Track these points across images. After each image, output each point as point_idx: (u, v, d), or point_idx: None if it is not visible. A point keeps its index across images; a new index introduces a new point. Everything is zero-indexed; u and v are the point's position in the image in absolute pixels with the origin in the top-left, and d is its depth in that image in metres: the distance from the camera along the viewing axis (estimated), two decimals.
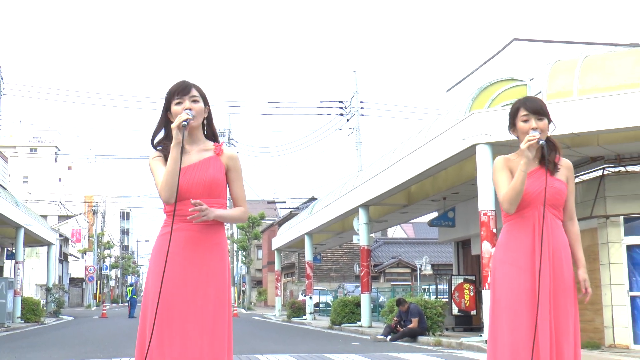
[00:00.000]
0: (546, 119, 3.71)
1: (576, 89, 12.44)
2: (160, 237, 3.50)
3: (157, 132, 3.63)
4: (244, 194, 3.65)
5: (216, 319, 3.41)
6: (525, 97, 3.84)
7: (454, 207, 19.99)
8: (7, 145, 74.76)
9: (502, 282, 3.68)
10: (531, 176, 3.67)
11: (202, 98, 3.58)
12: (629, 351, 11.95)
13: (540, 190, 3.65)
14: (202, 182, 3.47)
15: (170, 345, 3.35)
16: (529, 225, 3.66)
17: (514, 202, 3.65)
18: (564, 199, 3.71)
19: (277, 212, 68.37)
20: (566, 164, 3.79)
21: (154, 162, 3.56)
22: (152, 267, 3.51)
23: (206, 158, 3.54)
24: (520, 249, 3.65)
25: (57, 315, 32.89)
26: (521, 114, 3.74)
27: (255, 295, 62.83)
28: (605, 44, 15.59)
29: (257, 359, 10.30)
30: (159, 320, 3.35)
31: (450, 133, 13.97)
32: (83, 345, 14.12)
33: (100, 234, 70.21)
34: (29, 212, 29.03)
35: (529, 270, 3.62)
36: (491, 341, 3.74)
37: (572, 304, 3.65)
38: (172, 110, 3.54)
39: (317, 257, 36.61)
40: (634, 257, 12.73)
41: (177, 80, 3.62)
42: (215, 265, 3.47)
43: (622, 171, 13.18)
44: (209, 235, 3.49)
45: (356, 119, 36.53)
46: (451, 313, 18.51)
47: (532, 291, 3.59)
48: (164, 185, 3.40)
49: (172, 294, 3.38)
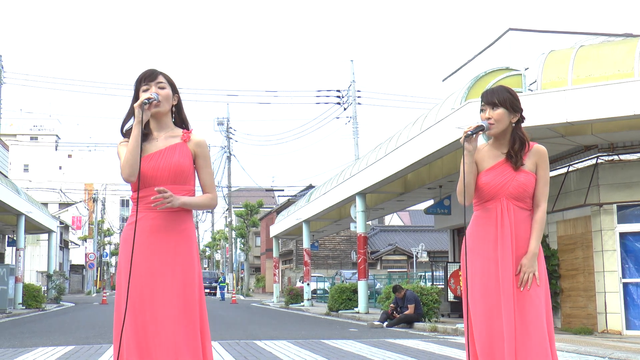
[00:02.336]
0: (502, 108, 3.71)
1: (570, 79, 12.56)
2: (127, 226, 3.52)
3: (126, 120, 3.64)
4: (212, 181, 3.65)
5: (187, 304, 3.42)
6: (486, 89, 3.89)
7: (450, 195, 20.12)
8: (7, 133, 74.68)
9: (473, 271, 3.72)
10: (495, 169, 3.72)
11: (170, 85, 3.61)
12: (621, 337, 12.12)
13: (503, 184, 3.69)
14: (168, 168, 3.48)
15: (144, 332, 3.38)
16: (492, 217, 3.70)
17: (460, 195, 3.74)
18: (528, 191, 3.71)
19: (275, 199, 68.48)
20: (537, 150, 3.76)
21: (120, 147, 3.56)
22: (120, 256, 3.55)
23: (172, 145, 3.54)
24: (485, 239, 3.70)
25: (58, 302, 33.07)
26: (481, 104, 3.82)
27: (254, 282, 63.02)
28: (600, 34, 15.66)
29: (256, 345, 10.43)
30: (131, 308, 3.39)
31: (446, 122, 14.09)
32: (83, 331, 14.28)
33: (101, 222, 70.33)
34: (29, 200, 29.14)
35: (493, 261, 3.66)
36: (467, 328, 3.78)
37: (539, 294, 3.63)
38: (140, 97, 3.56)
39: (315, 245, 36.82)
40: (626, 244, 12.88)
41: (146, 69, 3.65)
42: (183, 251, 3.48)
43: (616, 160, 13.31)
44: (175, 222, 3.49)
45: (353, 107, 36.59)
46: (447, 299, 18.69)
47: (495, 280, 3.63)
48: (124, 163, 3.41)
49: (141, 283, 3.41)
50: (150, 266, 3.44)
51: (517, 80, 13.77)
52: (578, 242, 13.56)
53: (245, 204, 52.15)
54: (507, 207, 3.69)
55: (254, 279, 63.91)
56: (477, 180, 3.75)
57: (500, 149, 3.78)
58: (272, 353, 9.07)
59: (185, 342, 3.40)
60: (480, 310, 3.66)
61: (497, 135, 3.78)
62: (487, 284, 3.66)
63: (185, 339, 3.40)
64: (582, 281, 13.37)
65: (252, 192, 62.15)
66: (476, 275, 3.71)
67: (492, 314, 3.62)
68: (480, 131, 3.70)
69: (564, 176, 13.97)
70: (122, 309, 3.41)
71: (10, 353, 9.33)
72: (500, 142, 3.79)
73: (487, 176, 3.73)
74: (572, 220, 13.78)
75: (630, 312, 12.68)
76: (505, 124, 3.75)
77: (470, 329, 3.75)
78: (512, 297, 3.60)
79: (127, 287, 3.39)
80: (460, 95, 14.09)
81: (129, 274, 3.41)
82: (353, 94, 36.79)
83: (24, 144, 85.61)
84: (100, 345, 10.38)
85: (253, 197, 57.93)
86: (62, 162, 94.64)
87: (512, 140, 3.75)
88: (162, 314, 3.40)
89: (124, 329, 3.41)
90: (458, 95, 14.38)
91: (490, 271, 3.67)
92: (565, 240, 13.95)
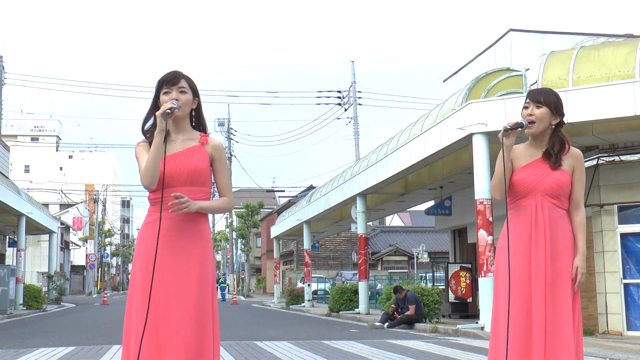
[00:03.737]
0: (546, 107, 3.73)
1: (571, 79, 12.56)
2: (145, 226, 3.54)
3: (147, 120, 3.66)
4: (228, 184, 3.70)
5: (200, 306, 3.46)
6: (534, 88, 3.93)
7: (451, 196, 20.13)
8: (8, 134, 74.71)
9: (500, 270, 3.73)
10: (531, 166, 3.73)
11: (191, 90, 3.62)
12: (622, 337, 12.12)
13: (539, 181, 3.71)
14: (186, 170, 3.50)
15: (156, 332, 3.39)
16: (527, 214, 3.71)
17: (496, 189, 3.73)
18: (564, 189, 3.73)
19: (276, 200, 68.43)
20: (574, 154, 3.80)
21: (139, 149, 3.59)
22: (137, 256, 3.54)
23: (190, 147, 3.57)
24: (519, 237, 3.70)
25: (59, 303, 33.05)
26: (525, 101, 3.82)
27: (254, 282, 63.00)
28: (600, 35, 15.67)
29: (256, 345, 10.42)
30: (143, 307, 3.39)
31: (447, 123, 14.09)
32: (84, 332, 14.28)
33: (101, 222, 70.34)
34: (30, 201, 29.15)
35: (526, 258, 3.67)
36: (493, 327, 3.78)
37: (569, 292, 3.66)
38: (160, 100, 3.58)
39: (316, 245, 36.86)
40: (627, 245, 12.89)
41: (169, 71, 3.65)
42: (198, 253, 3.51)
43: (616, 160, 13.31)
44: (191, 223, 3.52)
45: (354, 108, 36.59)
46: (447, 300, 18.68)
47: (527, 279, 3.64)
48: (145, 171, 3.43)
49: (155, 283, 3.42)
50: (166, 267, 3.46)
51: (518, 81, 13.77)
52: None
53: (246, 204, 52.12)
54: (542, 204, 3.70)
55: (255, 280, 63.89)
56: (512, 177, 3.76)
57: (537, 149, 3.78)
58: (272, 354, 9.06)
59: (197, 343, 3.42)
60: (513, 308, 3.64)
61: (535, 135, 3.78)
62: (519, 281, 3.65)
63: (196, 340, 3.42)
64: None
65: (253, 192, 62.13)
66: (501, 273, 3.72)
67: (524, 311, 3.62)
68: (519, 127, 3.70)
69: None
70: (135, 308, 3.44)
71: (11, 354, 9.33)
72: (538, 142, 3.79)
73: (523, 173, 3.74)
74: None
75: (631, 313, 12.68)
76: (546, 125, 3.76)
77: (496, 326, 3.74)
78: (543, 295, 3.61)
79: (150, 285, 3.40)
80: (461, 96, 14.09)
81: (151, 273, 3.42)
82: (354, 94, 36.80)
83: (25, 145, 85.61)
84: (100, 346, 10.38)
85: (254, 197, 57.91)
86: (63, 162, 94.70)
87: (552, 142, 3.76)
88: (175, 314, 3.42)
89: (135, 326, 3.42)
90: (459, 96, 14.38)
91: (523, 269, 3.67)
92: None
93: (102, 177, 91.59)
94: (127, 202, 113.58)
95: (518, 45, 16.63)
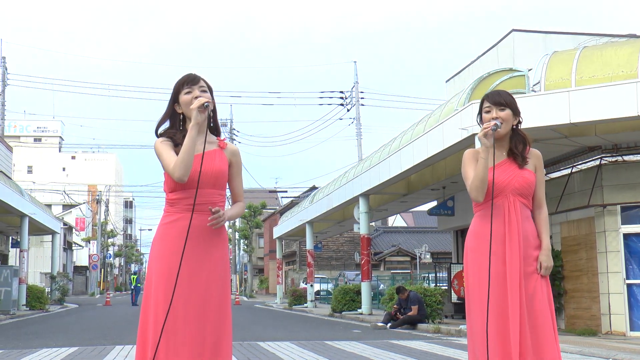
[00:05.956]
0: (509, 109, 3.80)
1: (574, 80, 12.55)
2: (165, 226, 3.52)
3: (162, 122, 3.66)
4: (242, 189, 3.76)
5: (221, 306, 3.50)
6: (491, 91, 3.96)
7: (453, 196, 20.12)
8: (11, 135, 74.90)
9: (472, 270, 3.77)
10: (499, 167, 3.77)
11: (209, 90, 3.64)
12: (625, 338, 12.11)
13: (509, 180, 3.76)
14: (210, 172, 3.50)
15: (174, 332, 3.40)
16: (499, 213, 3.75)
17: (479, 190, 3.74)
18: (532, 188, 3.81)
19: (279, 201, 68.44)
20: (535, 154, 3.88)
21: (161, 145, 3.54)
22: (156, 255, 3.52)
23: (211, 150, 3.57)
24: (494, 237, 3.72)
25: (62, 303, 33.09)
26: (484, 105, 3.86)
27: (257, 283, 63.05)
28: (603, 35, 15.65)
29: (259, 346, 10.44)
30: (164, 309, 3.39)
31: (450, 123, 14.08)
32: (87, 332, 14.30)
33: (104, 223, 70.37)
34: (33, 201, 29.20)
35: (500, 257, 3.71)
36: (469, 328, 3.82)
37: (543, 286, 3.73)
38: (180, 100, 3.58)
39: (318, 246, 36.82)
40: (630, 245, 12.87)
41: (186, 73, 3.67)
42: (219, 253, 3.55)
43: (619, 161, 13.30)
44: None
45: (356, 109, 36.62)
46: (450, 301, 18.68)
47: (503, 277, 3.68)
48: (180, 162, 3.38)
49: (181, 281, 3.43)
50: (190, 266, 3.47)
51: (521, 81, 13.76)
52: (582, 243, 13.54)
53: (249, 205, 52.14)
54: (514, 204, 3.75)
55: (258, 280, 63.93)
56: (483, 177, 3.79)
57: (499, 150, 3.83)
58: (275, 354, 9.07)
59: (215, 342, 3.46)
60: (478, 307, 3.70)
61: (499, 137, 3.82)
62: (493, 280, 3.68)
63: (213, 342, 3.45)
64: (585, 282, 13.35)
65: (256, 193, 62.13)
66: (474, 273, 3.76)
67: (500, 310, 3.65)
68: (498, 129, 3.76)
69: (568, 177, 13.95)
70: (152, 307, 3.44)
71: (14, 354, 9.35)
72: (501, 144, 3.84)
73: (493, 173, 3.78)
74: (576, 222, 13.76)
75: (634, 314, 12.66)
76: (509, 126, 3.84)
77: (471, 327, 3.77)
78: (518, 294, 3.65)
79: (175, 285, 3.41)
80: (464, 96, 14.09)
81: (169, 272, 3.43)
82: (356, 95, 36.81)
83: (28, 146, 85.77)
84: (103, 347, 10.39)
85: (256, 198, 57.90)
86: (66, 163, 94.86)
87: (515, 142, 3.84)
88: (195, 316, 3.44)
89: (153, 326, 3.42)
90: (461, 96, 14.38)
91: (497, 268, 3.70)
92: (569, 241, 13.93)
93: (105, 177, 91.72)
94: (129, 203, 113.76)
95: (520, 46, 16.62)
